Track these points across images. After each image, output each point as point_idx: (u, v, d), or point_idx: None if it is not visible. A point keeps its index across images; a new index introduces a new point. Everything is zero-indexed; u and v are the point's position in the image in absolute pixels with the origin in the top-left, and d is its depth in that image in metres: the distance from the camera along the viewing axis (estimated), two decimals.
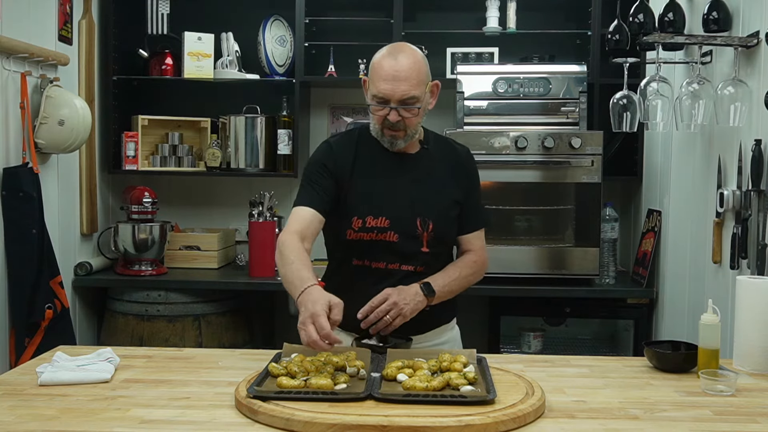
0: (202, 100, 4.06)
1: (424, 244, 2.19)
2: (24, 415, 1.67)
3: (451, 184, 2.25)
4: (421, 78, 2.13)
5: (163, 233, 3.71)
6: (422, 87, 2.13)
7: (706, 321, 2.04)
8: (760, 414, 1.74)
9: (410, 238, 2.18)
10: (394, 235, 2.17)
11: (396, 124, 2.12)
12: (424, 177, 2.23)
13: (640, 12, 2.86)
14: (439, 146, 2.30)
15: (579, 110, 3.54)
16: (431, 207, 2.20)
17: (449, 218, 2.24)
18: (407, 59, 2.13)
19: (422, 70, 2.14)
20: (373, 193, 2.19)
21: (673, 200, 3.34)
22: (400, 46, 2.20)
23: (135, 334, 3.49)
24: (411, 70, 2.11)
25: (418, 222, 2.18)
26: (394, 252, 2.18)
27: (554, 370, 2.07)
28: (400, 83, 2.09)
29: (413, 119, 2.14)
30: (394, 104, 2.10)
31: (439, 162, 2.26)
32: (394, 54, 2.14)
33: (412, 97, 2.10)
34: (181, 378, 1.97)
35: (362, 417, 1.59)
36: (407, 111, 2.12)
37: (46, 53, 3.15)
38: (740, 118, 2.53)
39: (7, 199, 2.92)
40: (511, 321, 3.68)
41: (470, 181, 2.30)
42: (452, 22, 3.99)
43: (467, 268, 2.27)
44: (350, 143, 2.25)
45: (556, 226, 3.47)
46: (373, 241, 2.17)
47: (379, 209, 2.17)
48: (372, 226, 2.16)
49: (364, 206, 2.17)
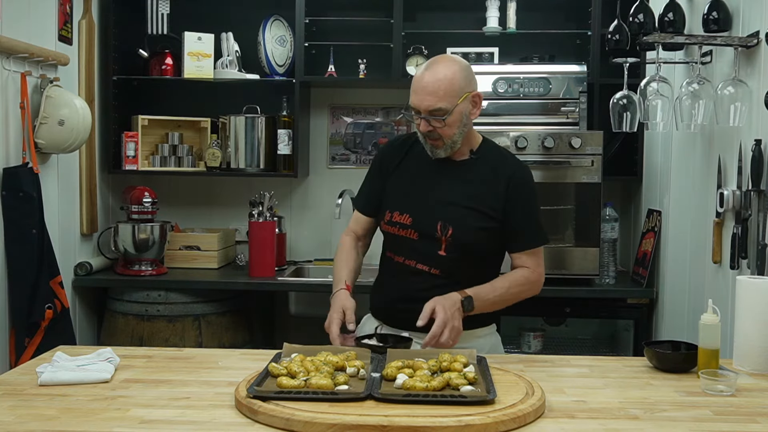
0: (202, 100, 4.06)
1: (442, 248, 2.25)
2: (24, 415, 1.67)
3: (488, 197, 2.26)
4: (450, 91, 2.18)
5: (163, 233, 3.71)
6: (451, 99, 2.18)
7: (706, 321, 2.04)
8: (760, 414, 1.74)
9: (429, 240, 2.25)
10: (415, 233, 2.27)
11: (430, 133, 2.22)
12: (458, 184, 2.28)
13: (640, 12, 2.86)
14: (491, 158, 2.32)
15: (579, 110, 3.54)
16: (454, 213, 2.25)
17: (474, 228, 2.25)
18: (438, 73, 2.19)
19: (454, 83, 2.18)
20: (404, 191, 2.33)
21: (673, 200, 3.34)
22: (440, 58, 2.26)
23: (135, 334, 3.49)
24: (439, 83, 2.17)
25: (438, 225, 2.25)
26: (413, 249, 2.28)
27: (554, 370, 2.07)
28: (426, 96, 2.18)
29: (446, 129, 2.20)
30: (423, 114, 2.20)
31: (483, 173, 2.29)
32: (428, 67, 2.22)
33: (438, 109, 2.17)
34: (181, 378, 1.97)
35: (362, 417, 1.59)
36: (436, 121, 2.19)
37: (46, 53, 3.15)
38: (740, 118, 2.53)
39: (7, 199, 2.92)
40: (511, 321, 3.67)
41: (517, 193, 2.27)
42: (452, 22, 3.99)
43: (517, 285, 2.30)
44: (405, 143, 2.41)
45: (556, 226, 3.47)
46: (397, 236, 2.30)
47: (405, 206, 2.29)
48: (396, 221, 2.29)
49: (394, 201, 2.32)
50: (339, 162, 4.15)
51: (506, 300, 2.30)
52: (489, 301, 2.24)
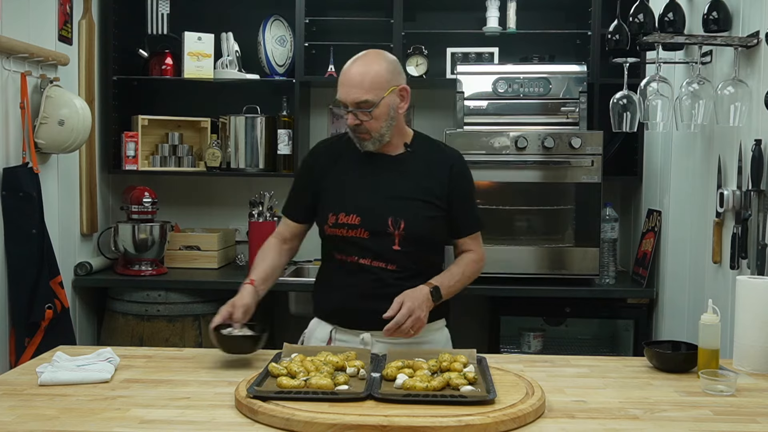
0: (202, 100, 4.06)
1: (396, 242, 2.23)
2: (24, 415, 1.67)
3: (431, 185, 2.28)
4: (376, 83, 2.19)
5: (163, 233, 3.71)
6: (377, 92, 2.19)
7: (706, 321, 2.04)
8: (760, 414, 1.74)
9: (381, 236, 2.23)
10: (365, 232, 2.24)
11: (357, 127, 2.22)
12: (400, 177, 2.29)
13: (640, 12, 2.86)
14: (426, 149, 2.35)
15: (579, 110, 3.54)
16: (404, 207, 2.25)
17: (424, 219, 2.26)
18: (364, 66, 2.22)
19: (380, 76, 2.21)
20: (346, 191, 2.29)
21: (673, 200, 3.34)
22: (368, 52, 2.30)
23: (135, 334, 3.49)
24: (364, 76, 2.19)
25: (389, 221, 2.23)
26: (365, 248, 2.24)
27: (554, 370, 2.08)
28: (352, 89, 2.19)
29: (373, 123, 2.20)
30: (350, 108, 2.20)
31: (422, 164, 2.31)
32: (356, 60, 2.25)
33: (364, 101, 2.18)
34: (181, 378, 1.97)
35: (362, 417, 1.60)
36: (363, 114, 2.19)
37: (46, 53, 3.15)
38: (740, 118, 2.53)
39: (7, 199, 2.92)
40: (511, 321, 3.67)
41: (458, 182, 2.32)
42: (452, 22, 3.99)
43: (469, 268, 2.35)
44: (337, 145, 2.39)
45: (556, 226, 3.47)
46: (346, 237, 2.25)
47: (351, 207, 2.25)
48: (343, 222, 2.25)
49: (337, 203, 2.27)
50: None
51: (463, 284, 2.35)
52: (452, 288, 2.29)
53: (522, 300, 3.51)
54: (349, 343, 2.23)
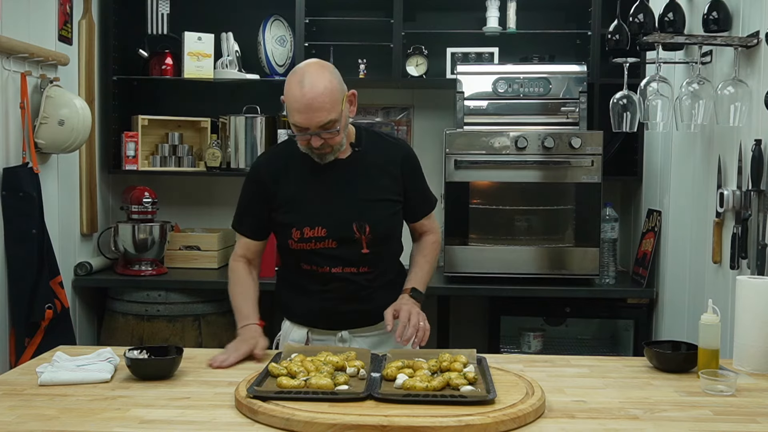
0: (202, 100, 4.06)
1: (364, 246, 2.24)
2: (24, 415, 1.67)
3: (387, 182, 2.29)
4: (335, 99, 2.12)
5: (163, 233, 3.71)
6: (338, 107, 2.13)
7: (706, 321, 2.04)
8: (760, 414, 1.74)
9: (349, 243, 2.23)
10: (333, 242, 2.23)
11: (320, 146, 2.15)
12: (356, 180, 2.27)
13: (640, 12, 2.86)
14: (372, 145, 2.33)
15: (579, 110, 3.54)
16: (366, 210, 2.25)
17: (387, 217, 2.29)
18: (316, 85, 2.09)
19: (334, 91, 2.12)
20: (307, 204, 2.25)
21: (673, 200, 3.34)
22: (307, 70, 2.14)
23: (135, 334, 3.49)
24: (323, 96, 2.09)
25: (354, 227, 2.23)
26: (335, 257, 2.24)
27: (554, 370, 2.07)
28: (314, 113, 2.09)
29: (336, 138, 2.16)
30: (314, 131, 2.12)
31: (372, 162, 2.30)
32: (302, 82, 2.10)
33: (329, 121, 2.11)
34: (181, 378, 1.97)
35: (362, 417, 1.59)
36: (329, 134, 2.13)
37: (46, 53, 3.15)
38: (740, 118, 2.53)
39: (7, 199, 2.92)
40: (511, 321, 3.68)
41: (410, 172, 2.35)
42: (452, 22, 3.99)
43: (433, 254, 2.44)
44: (278, 157, 2.32)
45: (556, 226, 3.47)
46: (314, 250, 2.24)
47: (315, 219, 2.23)
48: (310, 236, 2.23)
49: (300, 218, 2.24)
50: None
51: (432, 272, 2.44)
52: (426, 281, 2.39)
53: (522, 300, 3.51)
54: (327, 341, 2.29)
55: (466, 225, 3.45)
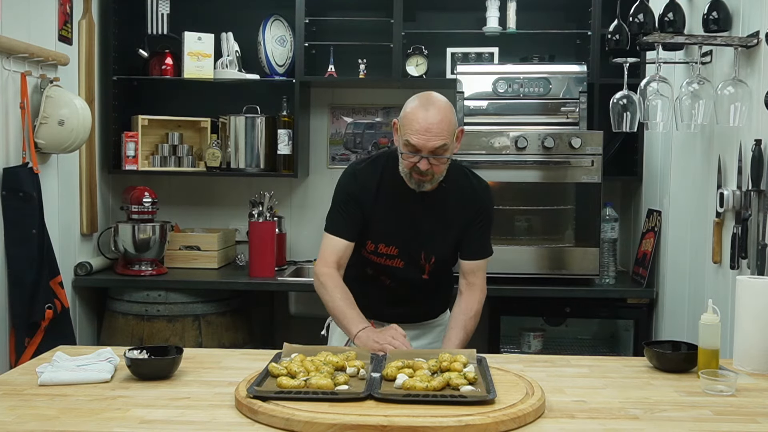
0: (202, 100, 4.06)
1: (426, 272, 2.42)
2: (24, 415, 1.67)
3: (459, 221, 2.40)
4: (451, 129, 2.24)
5: (163, 233, 3.71)
6: (451, 137, 2.25)
7: (706, 321, 2.04)
8: (760, 414, 1.74)
9: (414, 266, 2.41)
10: (401, 262, 2.40)
11: (425, 171, 2.24)
12: (435, 213, 2.38)
13: (640, 12, 2.86)
14: (457, 184, 2.40)
15: (579, 110, 3.54)
16: (436, 243, 2.40)
17: (450, 252, 2.44)
18: (439, 113, 2.22)
19: (452, 122, 2.25)
20: (389, 223, 2.38)
21: (673, 200, 3.34)
22: (431, 97, 2.27)
23: (135, 334, 3.49)
24: (442, 123, 2.21)
25: (422, 255, 2.40)
26: (397, 274, 2.42)
27: (554, 370, 2.07)
28: (432, 137, 2.20)
29: (441, 167, 2.27)
30: (425, 154, 2.22)
31: (453, 200, 2.40)
32: (426, 106, 2.23)
33: (443, 146, 2.22)
34: (181, 378, 1.97)
35: (362, 417, 1.59)
36: (437, 160, 2.23)
37: (46, 53, 3.15)
38: (740, 118, 2.53)
39: (7, 199, 2.92)
40: (511, 321, 3.68)
41: (478, 215, 2.43)
42: (452, 22, 3.99)
43: (471, 322, 2.42)
44: (375, 172, 2.40)
45: (556, 226, 3.47)
46: (382, 264, 2.41)
47: (391, 238, 2.38)
48: (383, 252, 2.39)
49: (379, 234, 2.38)
50: (339, 162, 4.15)
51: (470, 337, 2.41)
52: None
53: (522, 300, 3.51)
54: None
55: None
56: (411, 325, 2.45)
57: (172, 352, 2.03)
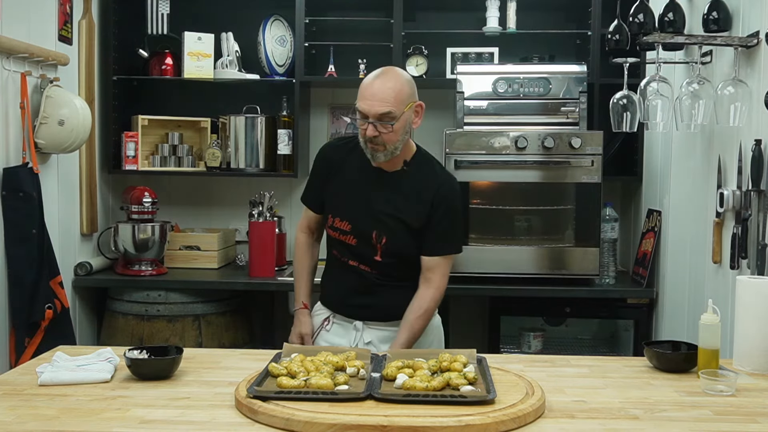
0: (202, 100, 4.06)
1: (378, 253, 2.41)
2: (24, 415, 1.67)
3: (417, 208, 2.40)
4: (400, 98, 2.29)
5: (163, 233, 3.71)
6: (399, 106, 2.29)
7: (706, 321, 2.04)
8: (760, 414, 1.74)
9: (366, 245, 2.42)
10: (353, 239, 2.43)
11: (374, 138, 2.30)
12: (392, 195, 2.40)
13: (640, 12, 2.86)
14: (421, 170, 2.44)
15: (579, 110, 3.54)
16: (388, 224, 2.40)
17: (405, 238, 2.40)
18: (388, 81, 2.30)
19: (402, 91, 2.30)
20: (345, 198, 2.45)
21: (673, 200, 3.34)
22: (388, 68, 2.38)
23: (135, 334, 3.49)
24: (389, 90, 2.28)
25: (373, 234, 2.40)
26: (353, 252, 2.45)
27: (554, 370, 2.08)
28: (377, 102, 2.27)
29: (390, 135, 2.30)
30: (372, 119, 2.28)
31: (413, 185, 2.41)
32: (378, 75, 2.33)
33: (387, 113, 2.27)
34: (181, 378, 1.97)
35: (362, 417, 1.60)
36: (383, 126, 2.28)
37: (46, 53, 3.15)
38: (740, 118, 2.53)
39: (7, 199, 2.92)
40: (511, 321, 3.68)
41: (440, 209, 2.40)
42: (452, 22, 3.99)
43: (419, 321, 2.39)
44: (344, 149, 2.50)
45: (556, 226, 3.47)
46: (339, 239, 2.46)
47: (344, 213, 2.44)
48: (338, 227, 2.45)
49: (335, 207, 2.47)
50: None
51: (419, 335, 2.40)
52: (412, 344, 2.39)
53: (522, 300, 3.51)
54: (345, 326, 2.48)
55: (466, 225, 3.45)
56: (380, 325, 2.46)
57: (172, 352, 2.03)
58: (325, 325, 2.52)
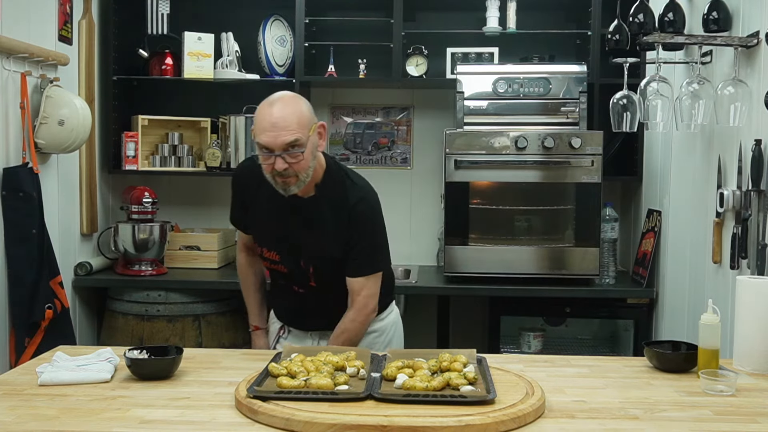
0: (202, 100, 4.06)
1: (311, 279, 2.40)
2: (24, 415, 1.67)
3: (335, 232, 2.34)
4: (302, 122, 2.17)
5: (163, 233, 3.71)
6: (304, 131, 2.17)
7: (706, 321, 2.04)
8: (760, 414, 1.74)
9: (298, 272, 2.40)
10: (284, 267, 2.41)
11: (284, 171, 2.18)
12: (310, 223, 2.35)
13: (640, 12, 2.86)
14: (332, 193, 2.35)
15: (579, 110, 3.54)
16: (313, 252, 2.36)
17: (332, 262, 2.36)
18: (285, 107, 2.17)
19: (303, 115, 2.18)
20: (265, 229, 2.42)
21: (673, 200, 3.34)
22: (279, 95, 2.24)
23: (135, 334, 3.49)
24: (291, 116, 2.16)
25: (301, 262, 2.38)
26: (287, 278, 2.44)
27: (554, 370, 2.07)
28: (281, 131, 2.14)
29: (301, 164, 2.19)
30: (278, 152, 2.15)
31: (328, 209, 2.35)
32: (271, 103, 2.20)
33: (294, 141, 2.15)
34: (181, 378, 1.97)
35: (362, 417, 1.60)
36: (292, 157, 2.17)
37: (46, 53, 3.15)
38: (740, 118, 2.53)
39: (7, 199, 2.92)
40: (511, 321, 3.68)
41: (357, 230, 2.33)
42: (452, 22, 3.99)
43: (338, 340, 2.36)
44: (258, 173, 2.31)
45: (556, 226, 3.47)
46: (272, 268, 2.46)
47: (271, 244, 2.41)
48: (267, 257, 2.43)
49: (261, 238, 2.44)
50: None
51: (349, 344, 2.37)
52: None
53: (522, 300, 3.51)
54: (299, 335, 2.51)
55: (466, 225, 3.46)
56: None
57: (172, 352, 2.03)
58: (281, 334, 2.54)
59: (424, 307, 3.94)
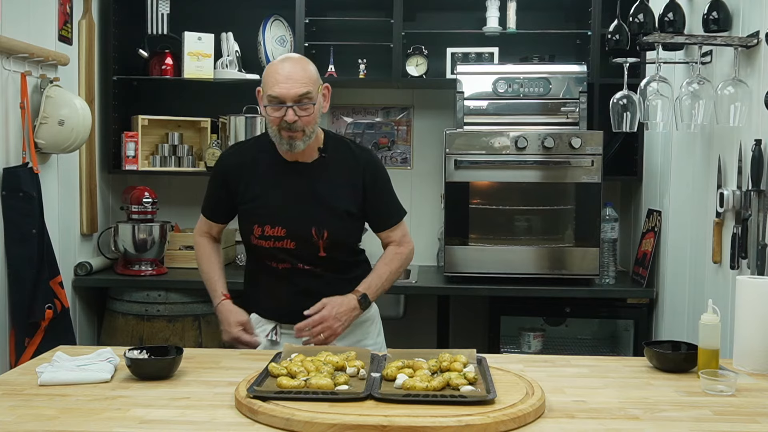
0: (202, 100, 4.06)
1: (321, 249, 2.34)
2: (24, 415, 1.67)
3: (349, 192, 2.36)
4: (312, 78, 2.26)
5: (163, 233, 3.71)
6: (314, 86, 2.26)
7: (706, 321, 2.04)
8: (760, 414, 1.74)
9: (307, 245, 2.34)
10: (291, 242, 2.33)
11: (293, 124, 2.23)
12: (319, 186, 2.34)
13: (640, 12, 2.86)
14: (338, 152, 2.39)
15: (579, 110, 3.54)
16: (326, 217, 2.33)
17: (345, 225, 2.37)
18: (297, 63, 2.26)
19: (313, 72, 2.28)
20: (270, 204, 2.35)
21: (673, 200, 3.34)
22: (288, 54, 2.36)
23: (135, 334, 3.49)
24: (303, 71, 2.25)
25: (313, 231, 2.32)
26: (293, 255, 2.35)
27: (554, 370, 2.07)
28: (294, 83, 2.21)
29: (309, 118, 2.25)
30: (290, 103, 2.21)
31: (337, 169, 2.36)
32: (285, 59, 2.29)
33: (306, 93, 2.22)
34: (181, 378, 1.97)
35: (362, 417, 1.59)
36: (302, 109, 2.23)
37: (46, 53, 3.15)
38: (740, 118, 2.53)
39: (7, 199, 2.92)
40: (511, 321, 3.68)
41: (373, 183, 2.39)
42: (452, 22, 3.99)
43: (395, 263, 2.44)
44: (247, 152, 2.41)
45: (556, 226, 3.47)
46: (273, 248, 2.35)
47: (276, 219, 2.33)
48: (270, 234, 2.34)
49: (262, 216, 2.35)
50: None
51: (392, 280, 2.45)
52: (380, 288, 2.42)
53: (522, 300, 3.51)
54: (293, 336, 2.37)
55: (466, 225, 3.46)
56: None
57: (172, 352, 2.03)
58: (271, 337, 2.43)
59: (424, 307, 3.94)
